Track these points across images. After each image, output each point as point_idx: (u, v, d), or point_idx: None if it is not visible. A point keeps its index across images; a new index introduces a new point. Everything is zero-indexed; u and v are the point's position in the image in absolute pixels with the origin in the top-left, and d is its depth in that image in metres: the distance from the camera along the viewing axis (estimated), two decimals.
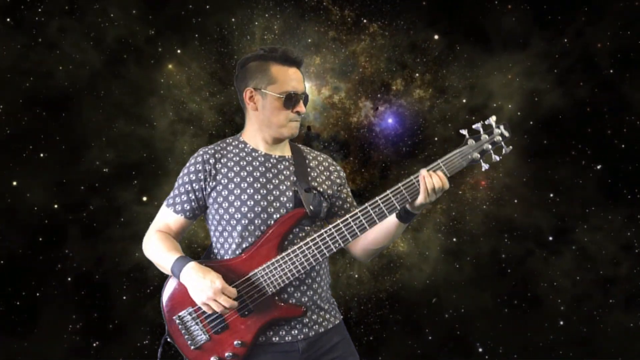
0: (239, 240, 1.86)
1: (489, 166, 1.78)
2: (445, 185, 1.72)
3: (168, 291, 1.89)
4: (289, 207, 1.88)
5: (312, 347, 1.88)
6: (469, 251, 4.65)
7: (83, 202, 4.36)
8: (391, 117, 4.78)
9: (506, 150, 1.79)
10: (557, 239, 4.53)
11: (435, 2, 4.63)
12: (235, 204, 1.87)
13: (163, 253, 1.87)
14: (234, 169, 1.91)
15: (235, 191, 1.88)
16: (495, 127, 1.77)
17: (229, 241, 1.89)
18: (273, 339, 1.85)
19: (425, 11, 4.61)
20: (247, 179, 1.89)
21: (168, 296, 1.89)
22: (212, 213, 1.92)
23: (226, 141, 1.99)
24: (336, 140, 4.85)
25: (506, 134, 1.78)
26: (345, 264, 4.71)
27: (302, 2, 4.63)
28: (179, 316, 1.86)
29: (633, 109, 4.35)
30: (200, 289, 1.74)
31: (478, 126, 1.77)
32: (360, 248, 1.98)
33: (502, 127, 1.78)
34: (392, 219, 1.83)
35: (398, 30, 4.66)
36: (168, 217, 1.95)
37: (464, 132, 1.78)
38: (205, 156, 1.91)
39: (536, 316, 4.50)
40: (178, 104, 4.57)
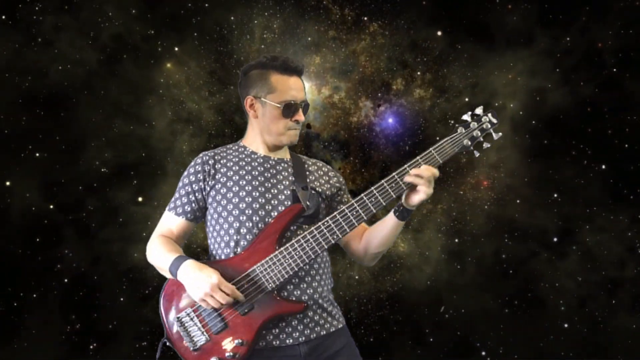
0: (237, 237, 1.86)
1: (479, 154, 1.86)
2: (434, 172, 1.77)
3: (166, 293, 1.88)
4: (287, 205, 1.89)
5: (315, 351, 1.84)
6: (470, 252, 4.62)
7: (81, 203, 4.33)
8: (391, 117, 4.76)
9: (495, 136, 1.85)
10: (562, 240, 4.48)
11: (435, 1, 4.61)
12: (233, 201, 1.88)
13: (163, 255, 1.87)
14: (233, 169, 1.93)
15: (233, 188, 1.90)
16: (483, 115, 1.85)
17: (226, 239, 1.88)
18: (274, 343, 1.81)
19: (425, 10, 4.60)
20: (246, 177, 1.91)
21: (166, 298, 1.88)
22: (211, 212, 1.93)
23: (226, 146, 2.03)
24: (336, 140, 4.84)
25: (494, 121, 1.85)
26: (345, 265, 4.68)
27: (302, 1, 4.62)
28: (178, 318, 1.84)
29: (638, 109, 4.32)
30: (197, 285, 1.74)
31: (467, 116, 1.85)
32: (362, 252, 2.00)
33: (490, 115, 1.86)
34: (391, 219, 1.86)
35: (398, 29, 4.64)
36: (170, 221, 1.97)
37: (453, 122, 1.89)
38: (204, 158, 1.95)
39: (539, 318, 4.46)
40: (177, 104, 4.54)
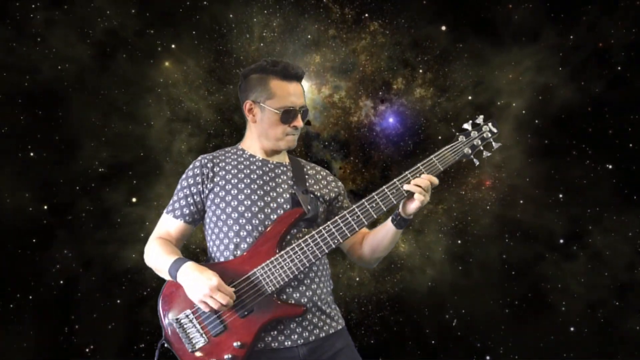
0: (237, 240, 1.86)
1: (479, 162, 1.90)
2: (434, 181, 1.80)
3: (165, 295, 1.88)
4: (287, 209, 1.90)
5: (314, 353, 1.85)
6: (473, 253, 4.59)
7: (76, 203, 4.28)
8: (392, 116, 4.73)
9: (495, 145, 1.90)
10: (568, 242, 4.42)
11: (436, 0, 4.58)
12: (232, 204, 1.88)
13: (161, 257, 1.87)
14: (232, 172, 1.94)
15: (232, 191, 1.90)
16: (483, 124, 1.90)
17: (225, 242, 1.88)
18: (272, 345, 1.81)
19: (426, 8, 4.57)
20: (245, 181, 1.92)
21: (165, 300, 1.87)
22: (210, 215, 1.93)
23: (225, 149, 2.04)
24: (336, 139, 4.81)
25: (494, 130, 1.90)
26: (345, 266, 4.66)
27: (302, 0, 4.58)
28: (177, 319, 1.83)
29: None
30: (196, 287, 1.73)
31: (467, 125, 1.90)
32: (363, 256, 2.03)
33: (490, 124, 1.91)
34: (390, 228, 1.90)
35: (399, 28, 4.62)
36: (168, 224, 1.97)
37: (454, 131, 1.91)
38: (203, 161, 1.96)
39: (545, 322, 4.40)
40: (175, 103, 4.51)
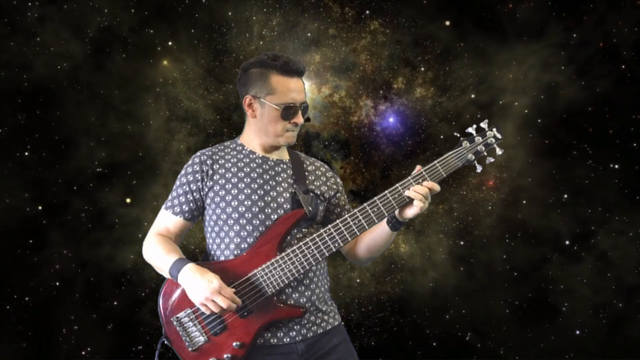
0: (237, 240, 1.86)
1: (482, 168, 1.89)
2: (436, 189, 1.78)
3: (166, 293, 1.89)
4: (287, 209, 1.89)
5: (311, 349, 1.88)
6: (473, 253, 4.57)
7: (73, 203, 4.26)
8: (392, 116, 4.70)
9: (499, 152, 1.88)
10: (574, 243, 4.38)
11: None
12: (232, 204, 1.87)
13: (161, 256, 1.86)
14: (232, 170, 1.92)
15: (232, 191, 1.89)
16: (487, 130, 1.87)
17: (226, 241, 1.88)
18: (271, 341, 1.84)
19: (427, 7, 4.55)
20: (245, 180, 1.90)
21: (166, 298, 1.88)
22: (209, 214, 1.93)
23: (224, 144, 2.02)
24: (336, 139, 4.79)
25: (499, 136, 1.88)
26: (346, 267, 4.65)
27: None
28: (177, 317, 1.84)
29: None
30: (197, 289, 1.74)
31: (471, 129, 1.88)
32: (357, 255, 2.03)
33: (495, 130, 1.88)
34: (384, 229, 1.88)
35: (399, 27, 4.60)
36: (167, 220, 1.96)
37: (458, 135, 1.89)
38: (202, 157, 1.94)
39: (549, 324, 4.36)
40: (174, 102, 4.49)
